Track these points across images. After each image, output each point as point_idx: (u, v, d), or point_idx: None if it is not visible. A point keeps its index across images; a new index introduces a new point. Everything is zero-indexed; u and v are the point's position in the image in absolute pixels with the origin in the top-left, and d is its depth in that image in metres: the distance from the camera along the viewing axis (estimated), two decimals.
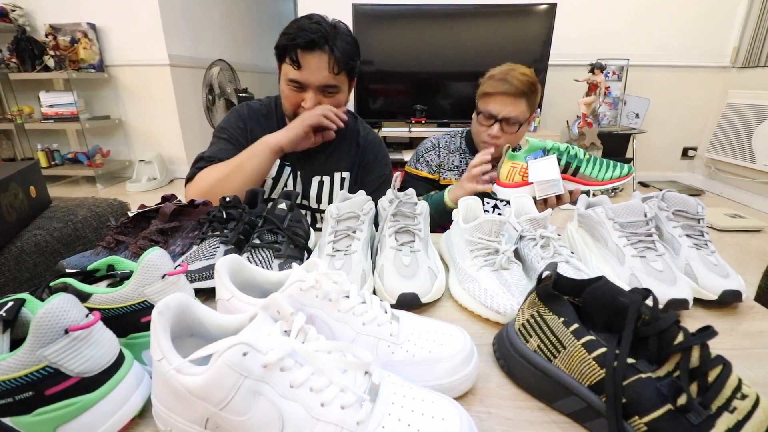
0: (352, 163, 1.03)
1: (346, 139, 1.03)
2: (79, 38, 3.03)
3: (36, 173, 1.05)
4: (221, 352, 0.28)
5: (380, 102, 3.05)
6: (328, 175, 1.01)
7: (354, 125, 1.05)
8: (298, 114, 0.90)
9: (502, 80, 1.01)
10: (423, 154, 1.19)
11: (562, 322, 0.37)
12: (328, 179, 1.01)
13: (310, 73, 0.85)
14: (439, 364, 0.38)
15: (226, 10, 4.07)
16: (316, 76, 0.86)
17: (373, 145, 1.05)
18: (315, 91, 0.88)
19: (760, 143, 2.75)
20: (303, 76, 0.86)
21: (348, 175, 1.03)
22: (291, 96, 0.89)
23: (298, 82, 0.86)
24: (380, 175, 1.05)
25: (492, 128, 1.03)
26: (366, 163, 1.04)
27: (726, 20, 3.04)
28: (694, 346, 0.32)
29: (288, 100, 0.90)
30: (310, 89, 0.87)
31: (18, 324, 0.35)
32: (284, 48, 0.86)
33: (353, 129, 1.05)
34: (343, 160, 1.02)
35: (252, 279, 0.44)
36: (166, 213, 0.67)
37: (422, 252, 0.59)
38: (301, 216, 0.70)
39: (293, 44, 0.83)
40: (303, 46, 0.83)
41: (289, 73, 0.86)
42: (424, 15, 2.81)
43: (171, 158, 3.48)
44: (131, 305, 0.40)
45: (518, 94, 1.01)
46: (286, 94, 0.90)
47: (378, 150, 1.06)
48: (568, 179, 0.85)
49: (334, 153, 1.02)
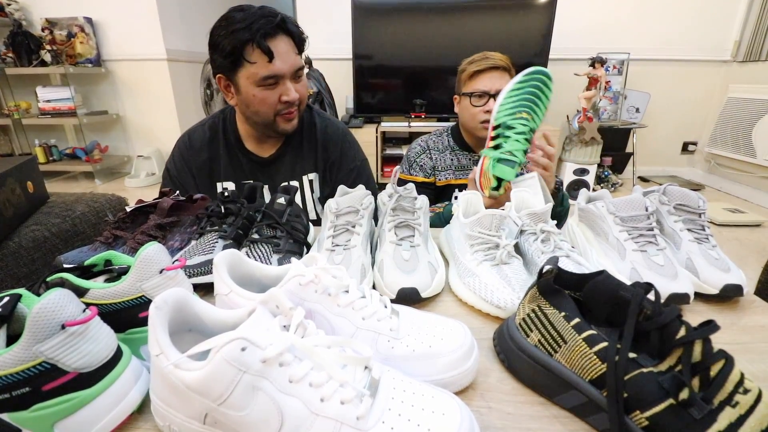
0: (316, 162, 0.97)
1: (304, 138, 0.97)
2: (76, 32, 3.00)
3: (33, 168, 1.04)
4: (220, 347, 0.28)
5: (379, 97, 3.04)
6: (295, 180, 0.96)
7: (310, 119, 0.98)
8: (279, 112, 0.85)
9: (485, 58, 1.06)
10: (415, 159, 1.17)
11: (563, 317, 0.37)
12: (296, 184, 0.96)
13: (282, 61, 0.79)
14: (439, 358, 0.37)
15: (223, 3, 4.03)
16: (288, 63, 0.80)
17: (334, 140, 0.98)
18: (290, 79, 0.82)
19: (760, 138, 2.74)
20: (277, 67, 0.79)
21: (315, 176, 0.97)
22: (267, 96, 0.82)
23: (274, 76, 0.80)
24: (351, 169, 0.99)
25: (487, 105, 1.04)
26: (332, 161, 0.97)
27: (727, 14, 3.02)
28: (697, 341, 0.32)
29: (264, 103, 0.83)
30: (285, 78, 0.81)
31: (14, 320, 0.34)
32: (245, 44, 0.77)
33: (309, 124, 0.98)
34: (306, 161, 0.97)
35: (251, 274, 0.43)
36: (164, 208, 0.66)
37: (422, 246, 0.59)
38: (300, 210, 0.70)
39: (260, 34, 0.76)
40: (270, 34, 0.77)
41: (260, 70, 0.79)
42: (423, 9, 2.79)
43: (169, 153, 3.47)
44: (129, 300, 0.40)
45: (504, 69, 1.06)
46: (259, 97, 0.82)
47: (342, 143, 0.98)
48: None
49: (295, 157, 0.96)
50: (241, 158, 0.95)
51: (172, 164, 0.97)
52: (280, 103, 0.84)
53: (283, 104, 0.84)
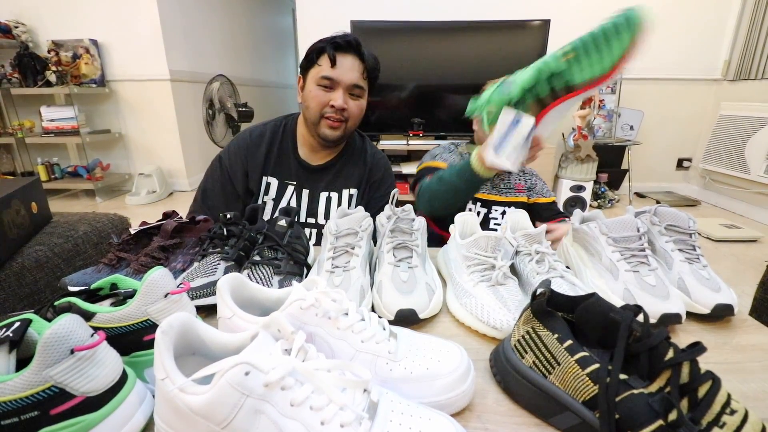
0: (360, 181, 1.07)
1: (353, 158, 1.07)
2: (81, 54, 3.07)
3: (37, 189, 1.06)
4: (224, 371, 0.29)
5: (378, 115, 3.09)
6: (336, 191, 1.04)
7: (362, 144, 1.11)
8: (324, 114, 0.94)
9: None
10: (439, 154, 1.19)
11: (556, 339, 0.38)
12: (336, 195, 1.04)
13: (342, 71, 0.92)
14: (436, 380, 0.38)
15: (226, 25, 4.14)
16: (348, 75, 0.92)
17: (381, 164, 1.11)
18: (344, 90, 0.93)
19: (753, 154, 2.79)
20: (336, 73, 0.91)
21: (356, 192, 1.06)
22: (319, 95, 0.93)
23: (331, 78, 0.91)
24: (386, 193, 1.08)
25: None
26: (374, 180, 1.08)
27: (716, 34, 3.11)
28: (684, 362, 0.33)
29: (315, 100, 0.94)
30: (340, 87, 0.93)
31: (23, 343, 0.35)
32: (320, 49, 0.92)
33: (360, 148, 1.10)
34: (351, 177, 1.06)
35: (253, 297, 0.45)
36: (168, 230, 0.68)
37: (420, 268, 0.60)
38: (301, 232, 0.72)
39: (332, 43, 0.90)
40: (341, 46, 0.91)
41: (323, 71, 0.91)
42: (421, 30, 2.86)
43: (170, 171, 3.50)
44: (134, 324, 0.41)
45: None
46: (314, 94, 0.94)
47: (386, 169, 1.11)
48: (564, 100, 0.66)
49: (342, 170, 1.05)
50: (291, 160, 1.03)
51: (226, 154, 1.03)
52: (328, 106, 0.93)
53: (331, 109, 0.93)
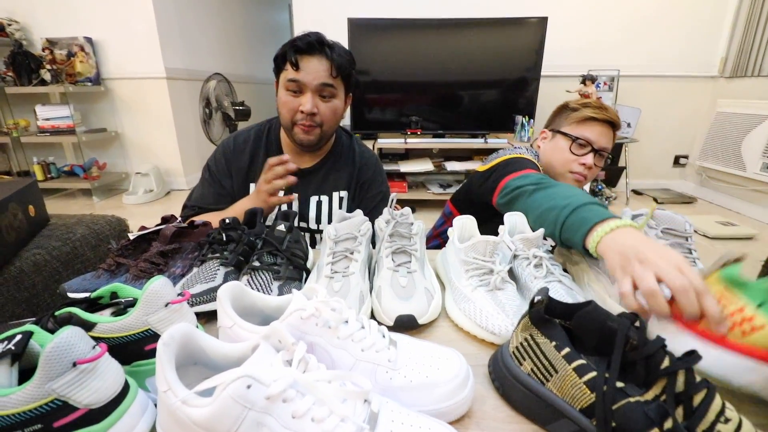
0: (350, 182, 1.05)
1: (342, 158, 1.05)
2: (76, 52, 3.05)
3: (34, 192, 1.05)
4: (226, 384, 0.30)
5: (376, 114, 3.09)
6: (326, 194, 1.03)
7: (349, 144, 1.08)
8: (295, 121, 0.92)
9: (603, 109, 0.97)
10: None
11: (554, 346, 0.39)
12: (326, 199, 1.02)
13: (306, 74, 0.88)
14: (435, 388, 0.39)
15: (222, 22, 4.11)
16: (313, 76, 0.88)
17: (370, 163, 1.07)
18: (312, 92, 0.90)
19: (749, 151, 2.80)
20: (301, 76, 0.88)
21: (346, 194, 1.04)
22: (289, 101, 0.91)
23: (296, 81, 0.89)
24: (378, 192, 1.07)
25: (586, 157, 0.97)
26: (364, 181, 1.06)
27: (713, 31, 3.12)
28: (680, 371, 0.34)
29: (285, 106, 0.92)
30: (308, 90, 0.89)
31: (24, 355, 0.35)
32: (283, 54, 0.89)
33: (348, 147, 1.07)
34: (340, 179, 1.04)
35: (253, 305, 0.45)
36: (167, 235, 0.68)
37: (419, 272, 0.60)
38: (300, 236, 0.72)
39: (293, 47, 0.88)
40: (303, 49, 0.88)
41: (288, 75, 0.89)
42: (419, 27, 2.86)
43: (168, 170, 3.49)
44: (135, 334, 0.41)
45: (615, 127, 0.99)
46: (283, 100, 0.92)
47: (375, 167, 1.08)
48: None
49: (330, 173, 1.03)
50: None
51: (213, 161, 1.04)
52: (298, 112, 0.91)
53: (301, 114, 0.90)
